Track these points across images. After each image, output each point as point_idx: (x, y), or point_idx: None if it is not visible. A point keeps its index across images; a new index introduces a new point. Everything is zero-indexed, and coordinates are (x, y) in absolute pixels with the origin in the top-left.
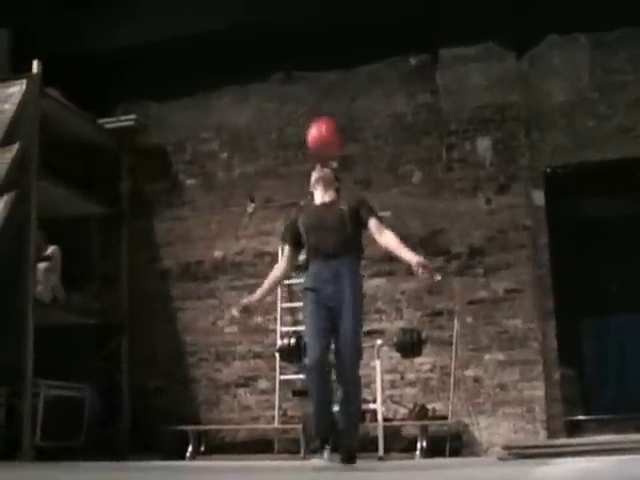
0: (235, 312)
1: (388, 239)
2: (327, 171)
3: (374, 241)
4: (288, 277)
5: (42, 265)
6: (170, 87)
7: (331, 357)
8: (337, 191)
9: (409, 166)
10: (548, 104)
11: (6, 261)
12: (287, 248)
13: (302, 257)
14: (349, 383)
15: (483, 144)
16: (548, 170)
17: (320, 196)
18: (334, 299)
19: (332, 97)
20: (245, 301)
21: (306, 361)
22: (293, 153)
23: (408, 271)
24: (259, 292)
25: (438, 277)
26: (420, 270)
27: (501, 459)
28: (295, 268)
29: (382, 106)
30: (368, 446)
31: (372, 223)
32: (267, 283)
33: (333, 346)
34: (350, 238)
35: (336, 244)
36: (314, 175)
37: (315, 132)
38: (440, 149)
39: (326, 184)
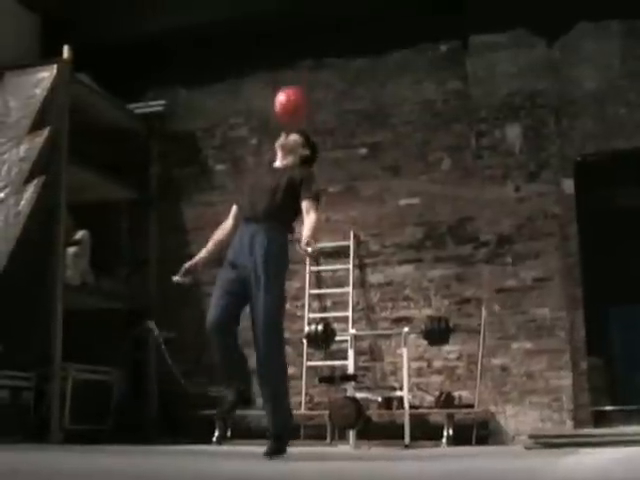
0: (176, 278)
1: (305, 221)
2: (290, 139)
3: (392, 229)
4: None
5: (71, 250)
6: (200, 73)
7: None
8: (303, 162)
9: (438, 153)
10: (579, 91)
11: (36, 245)
12: (234, 207)
13: None
14: (261, 363)
15: (513, 131)
16: (578, 158)
17: (279, 162)
18: (245, 265)
19: (361, 83)
20: (187, 265)
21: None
22: (322, 139)
23: (436, 258)
24: (202, 252)
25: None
26: (302, 250)
27: (527, 448)
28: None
29: (411, 93)
30: (394, 434)
31: (304, 203)
32: (210, 242)
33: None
34: (278, 206)
35: (260, 209)
36: (277, 142)
37: (282, 99)
38: (469, 136)
39: (286, 152)
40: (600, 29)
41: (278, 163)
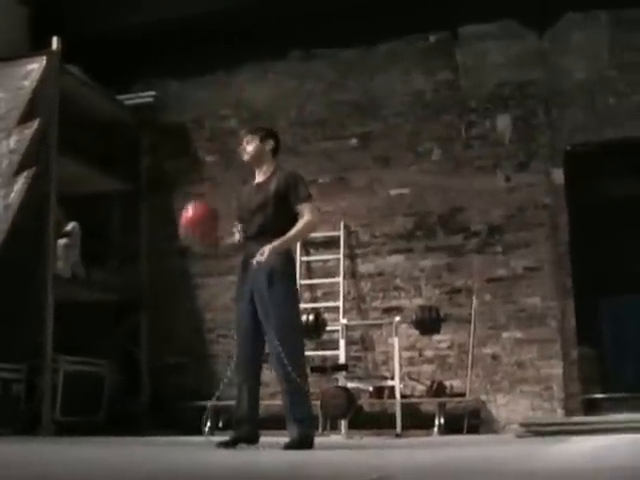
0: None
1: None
2: (249, 148)
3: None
4: None
5: (62, 241)
6: (189, 64)
7: None
8: (275, 168)
9: (428, 143)
10: (568, 82)
11: (26, 237)
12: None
13: None
14: (284, 379)
15: (503, 122)
16: (568, 148)
17: (257, 175)
18: (254, 288)
19: (351, 74)
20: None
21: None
22: (312, 131)
23: (427, 248)
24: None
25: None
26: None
27: (518, 436)
28: None
29: (401, 83)
30: (386, 423)
31: (298, 208)
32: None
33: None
34: (271, 220)
35: (258, 226)
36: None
37: (187, 214)
38: (460, 126)
39: (256, 161)
40: (589, 19)
41: (259, 178)
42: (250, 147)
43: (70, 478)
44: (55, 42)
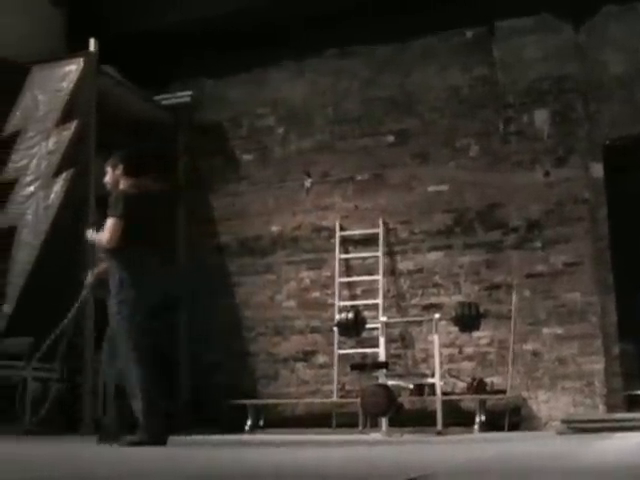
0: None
1: None
2: (108, 181)
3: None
4: None
5: None
6: (225, 63)
7: None
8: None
9: (466, 139)
10: (606, 75)
11: (65, 237)
12: None
13: None
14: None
15: (540, 116)
16: (607, 142)
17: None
18: None
19: (387, 71)
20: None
21: None
22: (349, 128)
23: (466, 245)
24: None
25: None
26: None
27: (560, 433)
28: None
29: (438, 79)
30: (426, 421)
31: None
32: None
33: None
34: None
35: None
36: None
37: None
38: (497, 122)
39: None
40: (626, 12)
41: None
42: (108, 179)
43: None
44: (92, 44)
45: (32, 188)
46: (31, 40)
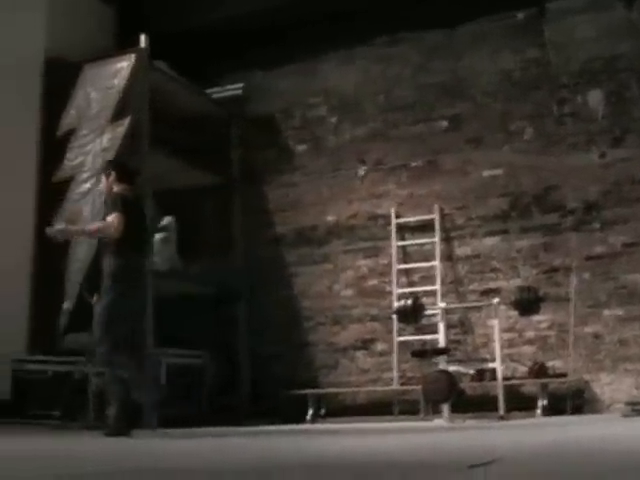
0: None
1: None
2: (104, 188)
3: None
4: None
5: (158, 236)
6: (274, 54)
7: None
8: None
9: (520, 122)
10: None
11: None
12: None
13: None
14: None
15: (595, 97)
16: None
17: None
18: None
19: (437, 56)
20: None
21: None
22: (401, 115)
23: (523, 229)
24: None
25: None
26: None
27: (625, 415)
28: None
29: (489, 63)
30: (488, 406)
31: None
32: None
33: None
34: None
35: None
36: None
37: None
38: (551, 104)
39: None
40: None
41: None
42: (103, 187)
43: (187, 469)
44: (143, 40)
45: (88, 185)
46: (82, 38)
